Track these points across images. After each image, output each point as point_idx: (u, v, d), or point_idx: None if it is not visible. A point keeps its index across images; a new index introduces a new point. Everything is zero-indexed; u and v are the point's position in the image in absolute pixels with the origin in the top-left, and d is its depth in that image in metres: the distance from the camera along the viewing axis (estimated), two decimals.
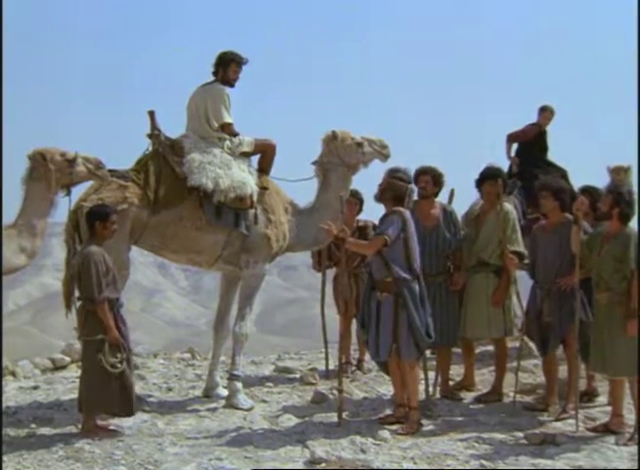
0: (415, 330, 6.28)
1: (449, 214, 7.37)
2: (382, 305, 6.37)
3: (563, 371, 7.08)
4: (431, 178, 7.25)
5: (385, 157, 7.61)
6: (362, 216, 8.52)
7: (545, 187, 6.87)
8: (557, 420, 6.55)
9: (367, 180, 6.81)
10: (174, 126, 7.32)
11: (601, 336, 6.07)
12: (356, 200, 8.32)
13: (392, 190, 6.44)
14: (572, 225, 6.43)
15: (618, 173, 9.18)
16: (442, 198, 7.55)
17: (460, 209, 7.62)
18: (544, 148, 9.77)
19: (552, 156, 9.87)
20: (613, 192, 6.12)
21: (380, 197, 6.52)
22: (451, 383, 7.71)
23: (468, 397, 7.45)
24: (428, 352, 7.10)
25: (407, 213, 6.43)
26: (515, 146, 9.80)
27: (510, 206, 7.36)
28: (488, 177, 7.32)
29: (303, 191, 7.93)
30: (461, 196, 7.79)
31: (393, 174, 6.55)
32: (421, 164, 7.35)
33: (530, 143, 9.64)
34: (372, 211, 6.81)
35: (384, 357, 6.41)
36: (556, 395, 6.90)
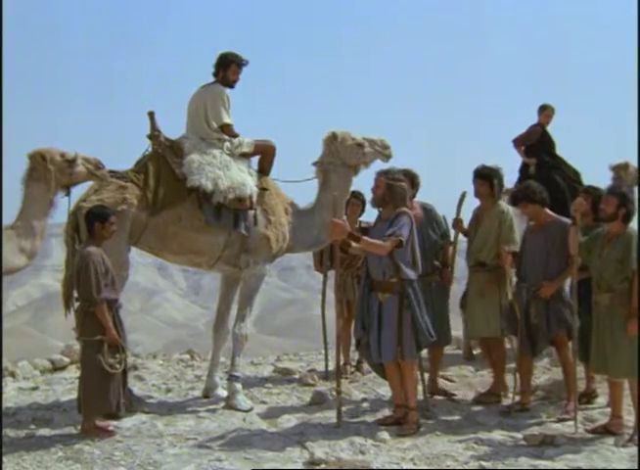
0: (419, 330, 6.29)
1: (430, 212, 7.36)
2: (384, 306, 6.36)
3: (560, 373, 7.10)
4: (408, 180, 7.22)
5: (386, 157, 7.61)
6: (364, 217, 8.50)
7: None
8: (556, 421, 6.55)
9: (370, 181, 6.81)
10: (174, 127, 7.34)
11: (602, 337, 6.07)
12: (359, 201, 8.30)
13: (395, 193, 6.44)
14: (571, 226, 6.44)
15: (619, 171, 9.17)
16: (449, 200, 7.55)
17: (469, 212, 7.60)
18: (552, 145, 9.77)
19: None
20: (617, 193, 6.11)
21: (383, 201, 6.49)
22: (451, 384, 7.71)
23: (466, 397, 7.45)
24: (424, 353, 7.10)
25: (411, 214, 6.45)
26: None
27: (506, 205, 7.35)
28: (477, 177, 7.33)
29: (304, 192, 7.94)
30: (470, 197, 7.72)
31: (390, 176, 6.53)
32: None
33: (538, 144, 9.64)
34: (375, 213, 6.80)
35: (389, 359, 6.37)
36: (530, 394, 7.00)
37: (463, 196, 7.44)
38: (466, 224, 7.45)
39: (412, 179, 7.25)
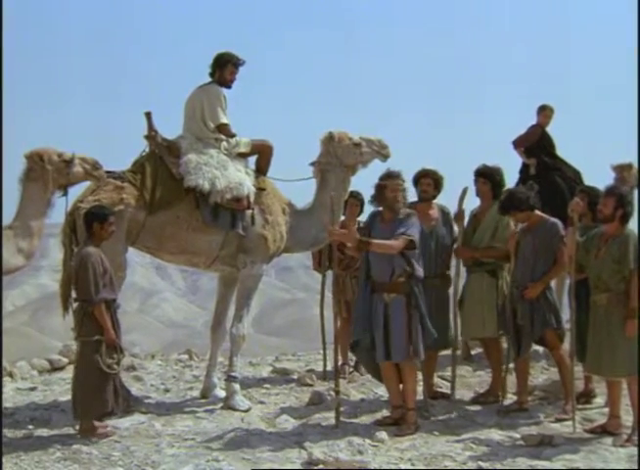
0: (427, 329, 6.34)
1: (447, 215, 7.37)
2: (391, 306, 6.34)
3: (556, 373, 7.11)
4: (432, 181, 7.25)
5: (384, 157, 7.60)
6: (363, 217, 8.49)
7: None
8: (554, 421, 6.55)
9: (369, 181, 6.81)
10: (171, 128, 7.33)
11: (599, 337, 6.07)
12: (357, 201, 8.29)
13: (406, 197, 6.50)
14: (568, 227, 6.45)
15: (621, 171, 9.14)
16: (453, 197, 7.54)
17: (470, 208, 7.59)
18: (551, 145, 9.77)
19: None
20: (615, 194, 6.11)
21: (397, 204, 6.46)
22: (448, 384, 7.71)
23: (465, 397, 7.45)
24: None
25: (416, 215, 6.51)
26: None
27: None
28: (478, 175, 7.34)
29: (302, 192, 7.93)
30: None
31: (400, 178, 6.55)
32: (422, 167, 7.33)
33: (537, 144, 9.64)
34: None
35: (401, 358, 6.34)
36: (527, 394, 7.00)
37: (464, 191, 7.41)
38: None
39: (436, 181, 7.28)
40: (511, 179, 8.98)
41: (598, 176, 8.73)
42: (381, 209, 6.57)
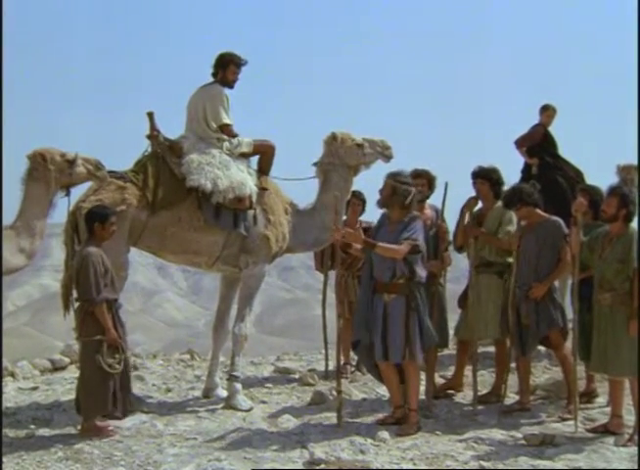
0: (425, 331, 6.33)
1: (440, 215, 7.37)
2: (390, 307, 6.34)
3: (560, 372, 7.11)
4: (426, 182, 7.24)
5: (387, 158, 7.61)
6: (364, 217, 8.49)
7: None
8: (557, 421, 6.55)
9: (370, 181, 6.80)
10: (173, 128, 7.33)
11: (603, 336, 6.07)
12: (359, 201, 8.30)
13: (400, 195, 6.42)
14: (572, 227, 6.45)
15: (629, 172, 9.11)
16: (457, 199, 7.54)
17: (454, 203, 7.58)
18: (554, 145, 9.77)
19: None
20: (618, 193, 6.11)
21: (387, 202, 6.47)
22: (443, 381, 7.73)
23: (467, 397, 7.45)
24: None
25: (422, 218, 6.51)
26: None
27: None
28: (475, 177, 7.35)
29: (304, 192, 7.93)
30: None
31: (397, 179, 6.52)
32: (415, 168, 7.32)
33: (540, 144, 9.63)
34: (375, 213, 6.79)
35: (398, 360, 6.36)
36: (529, 394, 7.02)
37: (446, 187, 7.30)
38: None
39: (430, 181, 7.28)
40: (513, 179, 8.99)
41: (600, 176, 8.73)
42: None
